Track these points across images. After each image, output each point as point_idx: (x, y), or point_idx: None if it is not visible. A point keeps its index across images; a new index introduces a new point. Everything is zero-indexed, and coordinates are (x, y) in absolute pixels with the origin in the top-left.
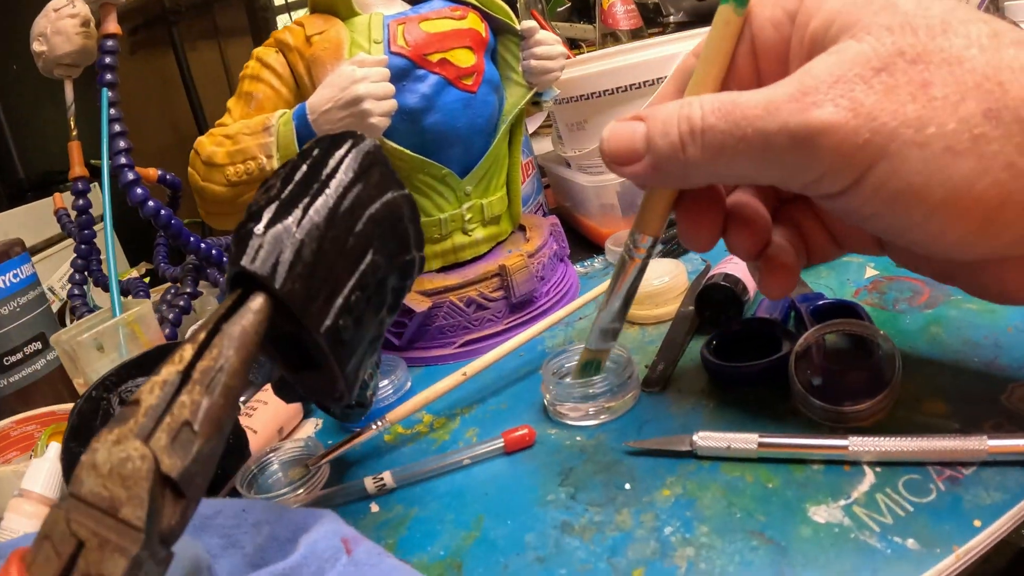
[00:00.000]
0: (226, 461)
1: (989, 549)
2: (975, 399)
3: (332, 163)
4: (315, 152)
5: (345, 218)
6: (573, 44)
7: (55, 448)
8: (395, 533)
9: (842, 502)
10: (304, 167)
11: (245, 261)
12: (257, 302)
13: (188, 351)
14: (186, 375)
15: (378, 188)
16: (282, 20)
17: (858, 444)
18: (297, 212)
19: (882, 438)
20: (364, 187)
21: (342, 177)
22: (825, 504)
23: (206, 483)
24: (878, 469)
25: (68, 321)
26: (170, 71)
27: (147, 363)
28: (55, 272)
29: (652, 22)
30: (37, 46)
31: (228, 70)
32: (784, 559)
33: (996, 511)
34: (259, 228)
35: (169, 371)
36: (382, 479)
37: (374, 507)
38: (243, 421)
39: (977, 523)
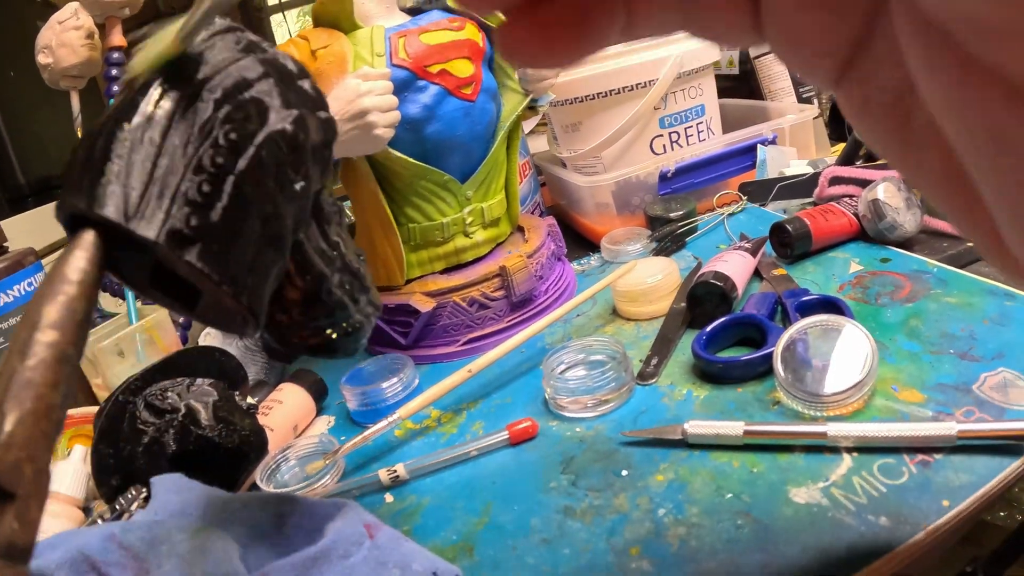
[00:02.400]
0: (248, 457)
1: (958, 527)
2: (949, 388)
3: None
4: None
5: (163, 102)
6: None
7: (79, 450)
8: (410, 521)
9: (821, 484)
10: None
11: (60, 200)
12: (80, 238)
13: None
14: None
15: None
16: (276, 20)
17: (836, 430)
18: (113, 118)
19: (858, 425)
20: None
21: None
22: (805, 486)
23: (44, 470)
24: (855, 454)
25: None
26: None
27: (169, 367)
28: None
29: None
30: (43, 58)
31: None
32: (767, 536)
33: (964, 492)
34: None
35: None
36: (395, 471)
37: (388, 497)
38: (261, 420)
39: (946, 503)
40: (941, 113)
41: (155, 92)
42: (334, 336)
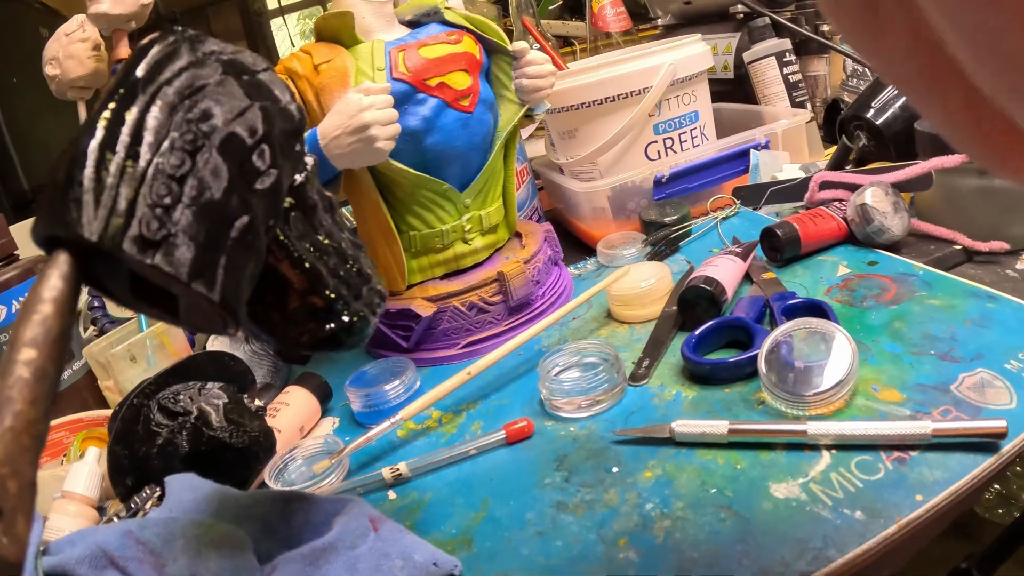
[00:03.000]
0: (258, 457)
1: (933, 521)
2: (928, 388)
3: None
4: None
5: (123, 117)
6: (565, 42)
7: (94, 452)
8: (412, 516)
9: (800, 480)
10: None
11: (34, 223)
12: (54, 259)
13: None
14: None
15: (167, 60)
16: (276, 24)
17: (816, 429)
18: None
19: (838, 423)
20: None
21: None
22: (785, 482)
23: (30, 486)
24: (834, 451)
25: (82, 329)
26: None
27: (180, 372)
28: None
29: (642, 18)
30: (50, 69)
31: None
32: (747, 529)
33: (937, 487)
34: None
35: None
36: (398, 469)
37: (391, 494)
38: (268, 421)
39: (919, 497)
40: None
41: (111, 107)
42: (334, 328)
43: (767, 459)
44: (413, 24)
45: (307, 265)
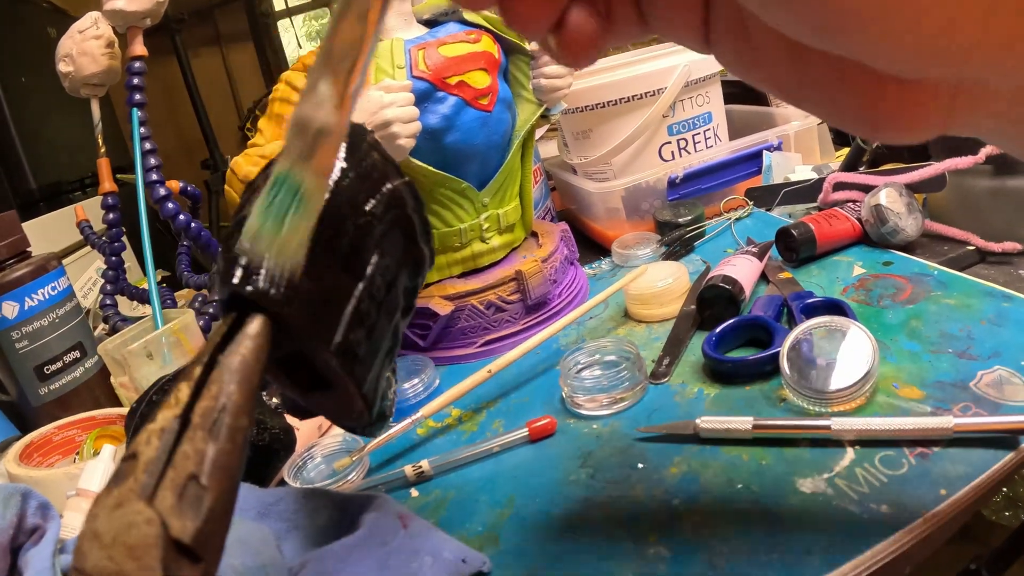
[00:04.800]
0: (278, 455)
1: (956, 515)
2: (947, 385)
3: None
4: None
5: (342, 218)
6: None
7: (109, 449)
8: (435, 514)
9: (826, 475)
10: None
11: (235, 281)
12: (255, 326)
13: (184, 391)
14: (185, 419)
15: (376, 180)
16: (283, 25)
17: (839, 424)
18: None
19: (861, 419)
20: (359, 180)
21: (334, 173)
22: (811, 477)
23: (223, 540)
24: (857, 447)
25: (91, 327)
26: (174, 78)
27: None
28: (74, 282)
29: None
30: (63, 67)
31: (230, 75)
32: (775, 523)
33: (960, 482)
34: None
35: (166, 416)
36: (421, 467)
37: (414, 492)
38: (287, 419)
39: (943, 492)
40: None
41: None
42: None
43: (792, 455)
44: (430, 23)
45: (372, 371)
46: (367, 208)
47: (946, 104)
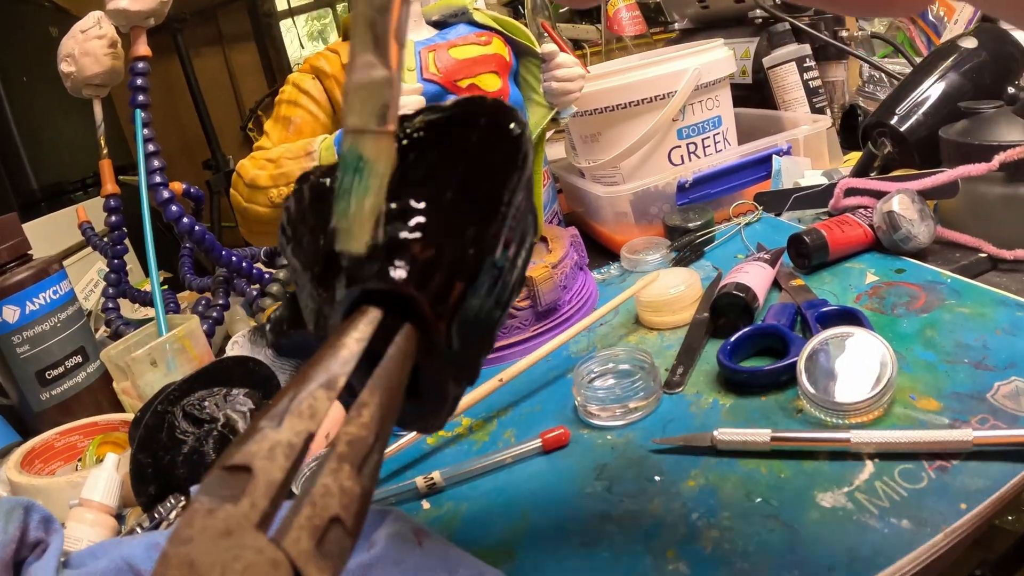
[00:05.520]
0: None
1: (974, 529)
2: (964, 396)
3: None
4: (460, 129)
5: (516, 245)
6: (576, 45)
7: (112, 458)
8: (449, 527)
9: (845, 489)
10: (457, 156)
11: (397, 275)
12: (410, 339)
13: (322, 400)
14: (311, 437)
15: (505, 167)
16: (285, 25)
17: (859, 437)
18: (458, 219)
19: (880, 432)
20: (511, 173)
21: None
22: (831, 491)
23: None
24: (877, 460)
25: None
26: (175, 78)
27: (205, 377)
28: (75, 284)
29: (654, 21)
30: (66, 67)
31: (232, 75)
32: (796, 538)
33: (980, 496)
34: (410, 235)
35: (296, 429)
36: (432, 478)
37: (425, 504)
38: None
39: (963, 506)
40: None
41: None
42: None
43: (810, 468)
44: (439, 25)
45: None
46: (514, 202)
47: None
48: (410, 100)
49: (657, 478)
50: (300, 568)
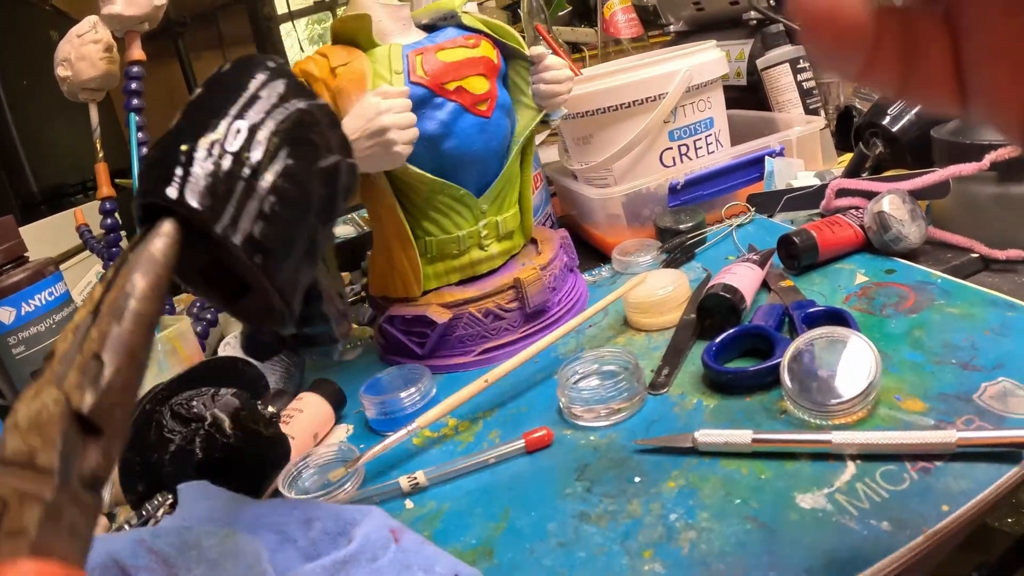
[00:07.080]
0: (273, 465)
1: (958, 531)
2: (950, 397)
3: (231, 83)
4: (219, 75)
5: (248, 132)
6: (575, 48)
7: None
8: (430, 526)
9: (826, 490)
10: (201, 90)
11: (145, 189)
12: (164, 226)
13: (97, 290)
14: (96, 312)
15: (283, 99)
16: (285, 29)
17: (840, 438)
18: (195, 130)
19: (862, 433)
20: (268, 101)
21: (239, 95)
22: (811, 492)
23: (128, 417)
24: (859, 461)
25: None
26: (176, 81)
27: (193, 377)
28: (74, 286)
29: (651, 24)
30: (62, 71)
31: None
32: (774, 540)
33: (963, 498)
34: (154, 153)
35: (81, 314)
36: (415, 478)
37: (409, 504)
38: (282, 428)
39: (945, 508)
40: None
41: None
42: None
43: (791, 469)
44: (429, 28)
45: (286, 267)
46: (275, 120)
47: None
48: (396, 103)
49: (637, 479)
50: (69, 396)
